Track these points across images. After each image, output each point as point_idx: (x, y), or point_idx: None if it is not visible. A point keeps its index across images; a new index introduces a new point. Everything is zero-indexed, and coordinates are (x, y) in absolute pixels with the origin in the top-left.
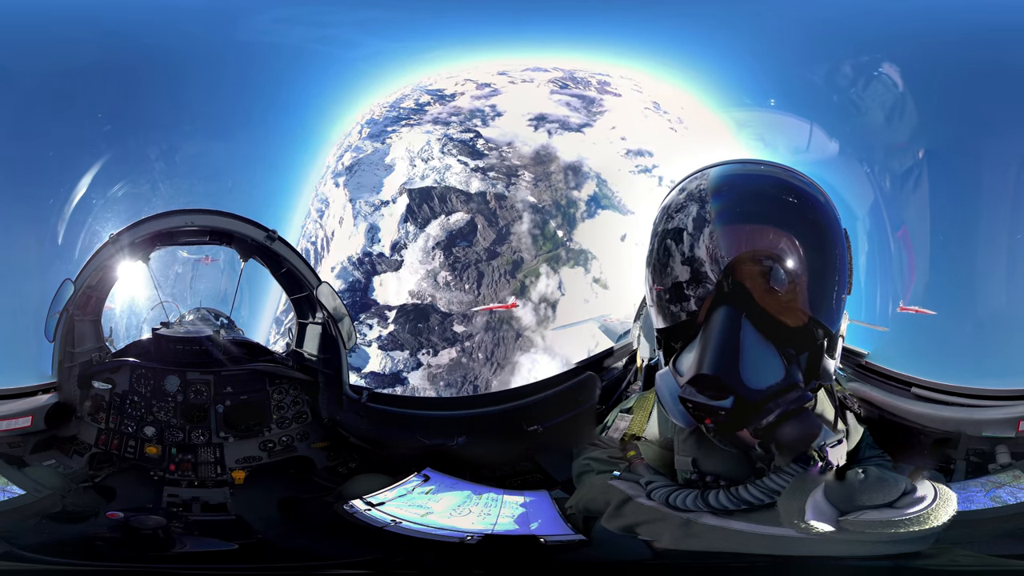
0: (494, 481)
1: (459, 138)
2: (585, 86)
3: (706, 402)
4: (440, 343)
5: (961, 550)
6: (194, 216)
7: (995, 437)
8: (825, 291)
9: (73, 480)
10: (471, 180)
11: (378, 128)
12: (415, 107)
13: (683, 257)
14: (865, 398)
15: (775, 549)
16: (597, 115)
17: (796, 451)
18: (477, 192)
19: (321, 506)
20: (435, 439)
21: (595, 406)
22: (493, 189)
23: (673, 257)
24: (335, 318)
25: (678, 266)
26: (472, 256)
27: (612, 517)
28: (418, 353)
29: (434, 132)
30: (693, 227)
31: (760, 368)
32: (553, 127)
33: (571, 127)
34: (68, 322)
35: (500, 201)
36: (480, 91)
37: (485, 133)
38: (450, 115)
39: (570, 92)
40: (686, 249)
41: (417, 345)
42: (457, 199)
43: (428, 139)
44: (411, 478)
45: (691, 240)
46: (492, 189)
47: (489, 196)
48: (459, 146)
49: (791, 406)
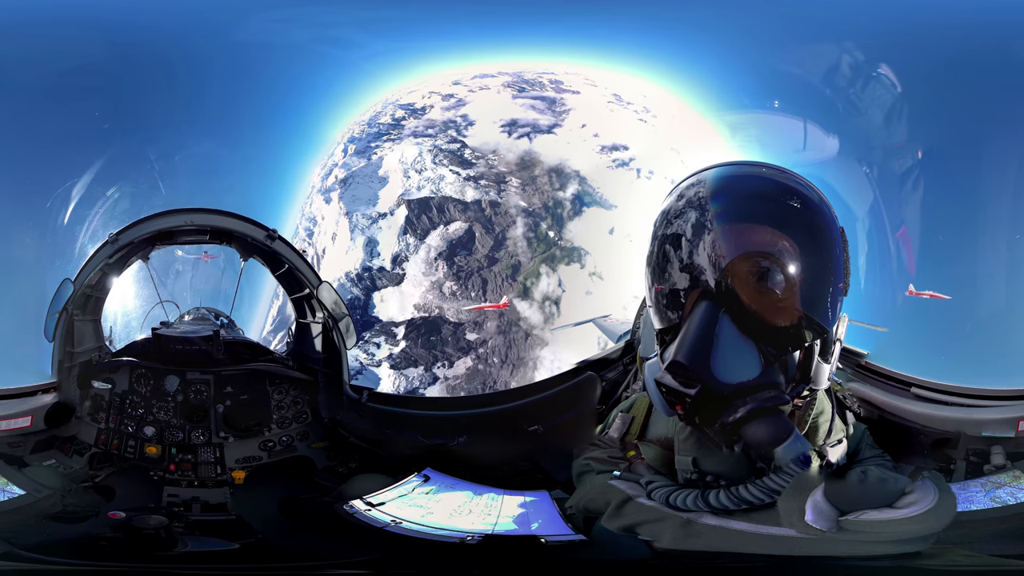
0: (494, 481)
1: (447, 148)
2: (540, 87)
3: (677, 388)
4: (455, 353)
5: (961, 550)
6: (194, 215)
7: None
8: (818, 292)
9: (73, 480)
10: (465, 189)
11: (362, 144)
12: (393, 122)
13: (679, 258)
14: (865, 398)
15: (775, 549)
16: (563, 114)
17: (762, 451)
18: (473, 200)
19: (321, 506)
20: (435, 439)
21: (595, 406)
22: (487, 197)
23: (670, 259)
24: (335, 318)
25: (674, 267)
26: (473, 264)
27: (612, 517)
28: (433, 367)
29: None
30: (688, 229)
31: (732, 363)
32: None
33: (542, 129)
34: (68, 322)
35: (494, 208)
36: (446, 102)
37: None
38: (426, 128)
39: (530, 95)
40: (682, 250)
41: (432, 359)
42: (455, 208)
43: (420, 150)
44: (411, 478)
45: (686, 241)
46: (486, 197)
47: (484, 204)
48: (449, 156)
49: (762, 404)
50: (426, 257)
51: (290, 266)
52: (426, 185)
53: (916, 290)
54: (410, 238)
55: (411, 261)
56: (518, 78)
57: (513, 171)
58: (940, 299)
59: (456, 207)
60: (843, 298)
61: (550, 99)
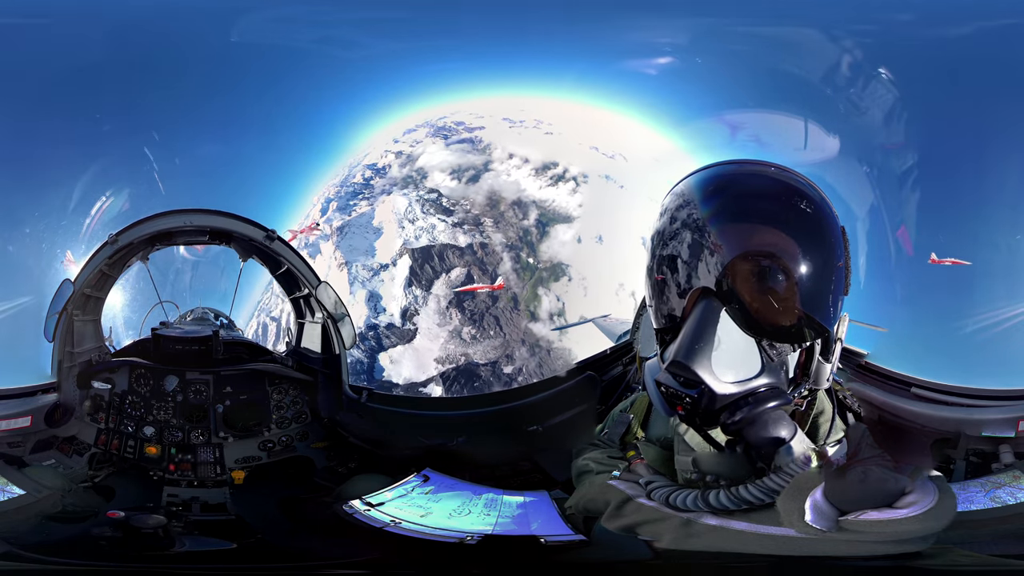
0: (494, 481)
1: (427, 198)
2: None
3: (677, 389)
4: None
5: (961, 550)
6: (193, 216)
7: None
8: (819, 291)
9: (73, 480)
10: (456, 235)
11: (343, 202)
12: (363, 182)
13: (679, 257)
14: (865, 398)
15: (775, 549)
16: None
17: (764, 452)
18: (467, 245)
19: (320, 506)
20: (435, 439)
21: (595, 406)
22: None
23: (670, 258)
24: (335, 318)
25: (675, 267)
26: (480, 305)
27: (612, 517)
28: None
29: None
30: (688, 228)
31: (733, 363)
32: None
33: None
34: (68, 322)
35: (484, 249)
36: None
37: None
38: (391, 185)
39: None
40: (682, 249)
41: None
42: (453, 254)
43: (408, 200)
44: (411, 478)
45: (686, 240)
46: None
47: (476, 247)
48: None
49: (764, 405)
50: (437, 307)
51: (289, 266)
52: (422, 235)
53: (938, 257)
54: (416, 289)
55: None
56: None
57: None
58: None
59: (454, 253)
60: (844, 297)
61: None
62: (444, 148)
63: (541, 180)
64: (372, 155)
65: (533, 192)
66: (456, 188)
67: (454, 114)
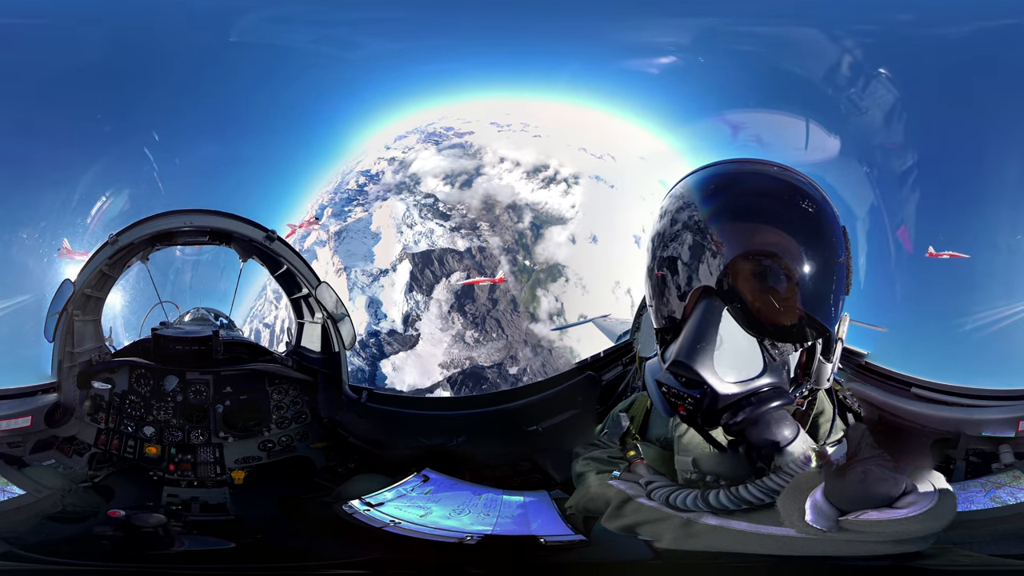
0: (494, 481)
1: (424, 203)
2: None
3: (679, 389)
4: None
5: (961, 550)
6: (193, 216)
7: (995, 437)
8: (820, 290)
9: (73, 480)
10: (455, 239)
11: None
12: (357, 188)
13: (679, 257)
14: (865, 398)
15: (775, 549)
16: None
17: (766, 452)
18: (465, 249)
19: (320, 506)
20: (435, 439)
21: (595, 406)
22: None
23: (670, 258)
24: (334, 318)
25: (675, 267)
26: (481, 308)
27: (612, 517)
28: None
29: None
30: (689, 228)
31: (735, 363)
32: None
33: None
34: (68, 322)
35: (483, 253)
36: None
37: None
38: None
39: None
40: (683, 249)
41: None
42: (452, 259)
43: (406, 205)
44: (411, 478)
45: (687, 240)
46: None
47: (474, 250)
48: (430, 210)
49: (766, 405)
50: (439, 312)
51: (289, 266)
52: (421, 239)
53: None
54: (417, 295)
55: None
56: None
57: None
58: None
59: (453, 257)
60: (845, 297)
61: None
62: (436, 153)
63: (533, 183)
64: (365, 162)
65: (526, 195)
66: (451, 193)
67: (443, 119)
